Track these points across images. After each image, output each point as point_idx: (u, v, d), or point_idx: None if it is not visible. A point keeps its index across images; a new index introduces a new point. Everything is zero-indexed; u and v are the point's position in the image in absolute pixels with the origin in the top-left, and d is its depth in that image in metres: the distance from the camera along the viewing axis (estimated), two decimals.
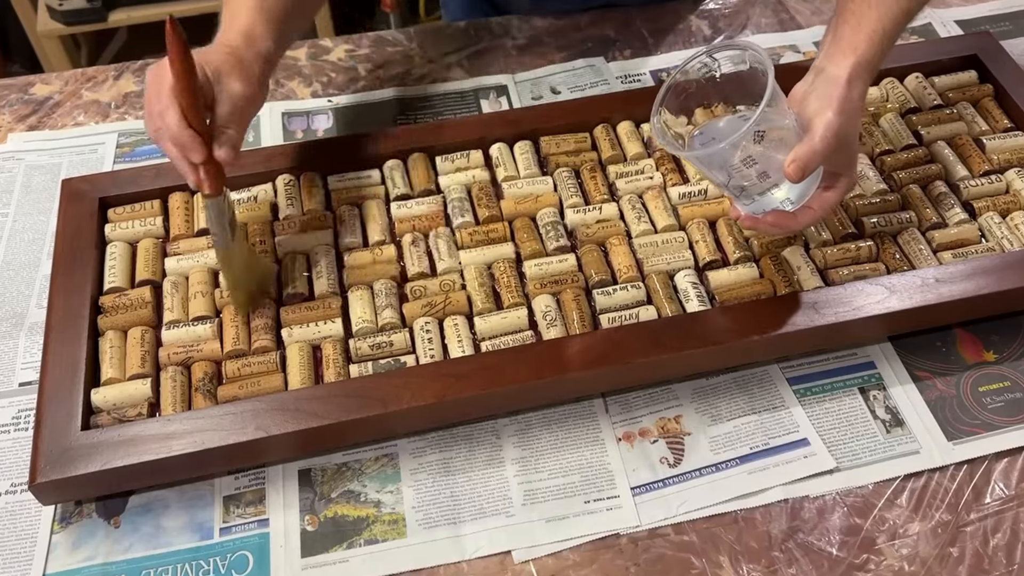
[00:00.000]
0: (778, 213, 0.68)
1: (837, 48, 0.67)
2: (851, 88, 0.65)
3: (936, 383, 0.75)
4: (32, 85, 1.01)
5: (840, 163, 0.67)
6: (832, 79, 0.65)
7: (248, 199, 0.83)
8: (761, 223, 0.69)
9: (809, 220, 0.68)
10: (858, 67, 0.66)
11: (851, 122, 0.65)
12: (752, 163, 0.64)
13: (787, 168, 0.63)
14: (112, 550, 0.67)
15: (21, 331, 0.80)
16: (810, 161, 0.63)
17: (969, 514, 0.68)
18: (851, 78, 0.65)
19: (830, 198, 0.68)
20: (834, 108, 0.64)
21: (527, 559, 0.66)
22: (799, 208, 0.68)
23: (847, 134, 0.65)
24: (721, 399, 0.74)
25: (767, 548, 0.66)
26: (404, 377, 0.69)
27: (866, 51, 0.66)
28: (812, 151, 0.63)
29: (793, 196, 0.68)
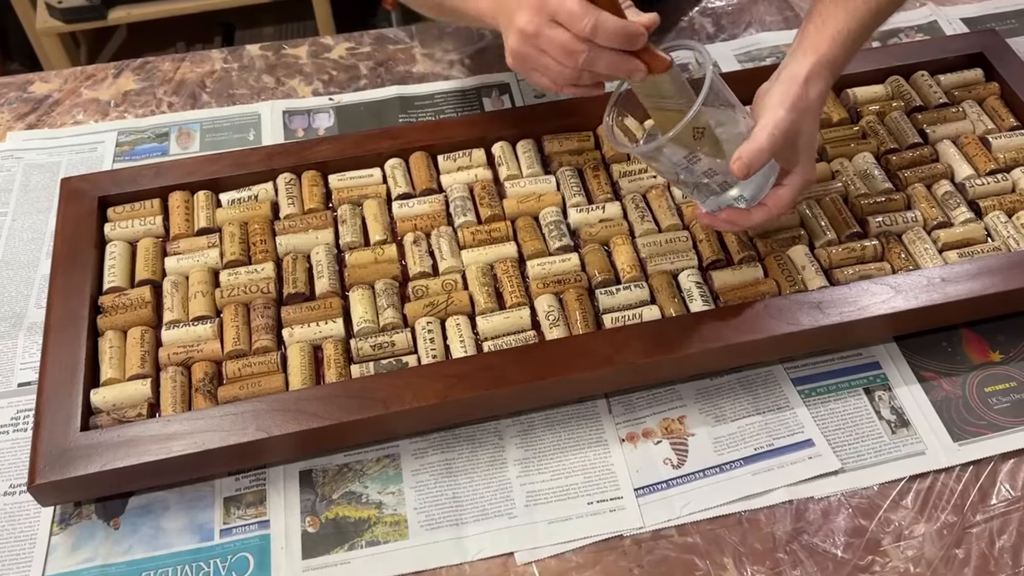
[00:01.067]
0: (733, 211, 0.68)
1: (800, 47, 0.68)
2: (808, 86, 0.66)
3: (942, 383, 0.75)
4: (31, 83, 1.01)
5: (791, 160, 0.67)
6: (790, 77, 0.66)
7: (248, 198, 0.83)
8: (716, 220, 0.69)
9: (763, 217, 0.69)
10: (817, 66, 0.66)
11: (803, 119, 0.65)
12: (696, 160, 0.65)
13: (732, 165, 0.63)
14: (112, 552, 0.67)
15: (20, 331, 0.79)
16: (755, 158, 0.63)
17: (975, 515, 0.67)
18: (809, 77, 0.66)
19: (784, 195, 0.68)
20: (786, 105, 0.64)
21: (530, 561, 0.66)
22: (754, 205, 0.68)
23: (798, 131, 0.65)
24: (725, 400, 0.74)
25: (771, 550, 0.66)
26: (406, 377, 0.69)
27: (828, 51, 0.67)
28: (757, 148, 0.63)
29: (747, 194, 0.68)
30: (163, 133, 0.95)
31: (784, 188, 0.68)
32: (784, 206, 0.69)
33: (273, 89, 1.00)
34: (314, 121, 0.96)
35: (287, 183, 0.83)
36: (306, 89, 1.00)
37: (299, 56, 1.04)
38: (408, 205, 0.82)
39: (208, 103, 0.99)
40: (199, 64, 1.03)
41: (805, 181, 0.69)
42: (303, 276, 0.77)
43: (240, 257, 0.79)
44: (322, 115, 0.97)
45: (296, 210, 0.82)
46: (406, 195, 0.83)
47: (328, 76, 1.02)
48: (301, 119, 0.96)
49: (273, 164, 0.84)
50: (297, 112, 0.97)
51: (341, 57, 1.04)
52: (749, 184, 0.67)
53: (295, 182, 0.84)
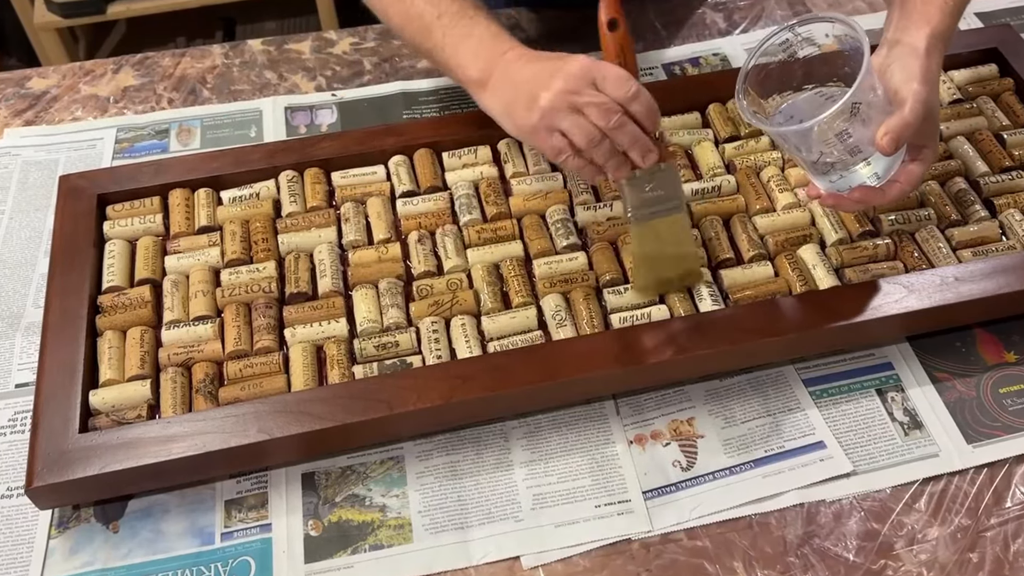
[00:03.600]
0: (865, 189, 0.68)
1: (910, 20, 0.68)
2: (930, 58, 0.66)
3: (955, 384, 0.74)
4: (29, 79, 1.01)
5: (926, 134, 0.67)
6: (911, 50, 0.66)
7: (250, 196, 0.83)
8: (845, 200, 0.69)
9: (897, 194, 0.68)
10: (933, 38, 0.67)
11: (934, 92, 0.66)
12: (847, 136, 0.64)
13: (880, 140, 0.63)
14: (111, 556, 0.66)
15: (18, 331, 0.79)
16: (903, 132, 0.63)
17: (989, 519, 0.67)
18: (929, 48, 0.66)
19: (916, 171, 0.68)
20: (919, 79, 0.64)
21: (536, 565, 0.66)
22: (886, 182, 0.68)
23: (933, 104, 0.66)
24: (735, 401, 0.73)
25: (782, 554, 0.65)
26: (410, 378, 0.68)
27: (939, 22, 0.67)
28: (904, 122, 0.63)
29: (880, 171, 0.67)
30: (163, 130, 0.95)
31: (917, 164, 0.68)
32: (917, 181, 0.69)
33: (275, 85, 1.00)
34: (317, 117, 0.96)
35: (289, 180, 0.83)
36: (309, 85, 1.00)
37: (301, 51, 1.04)
38: (412, 203, 0.82)
39: (209, 99, 0.99)
40: (200, 59, 1.03)
41: (935, 155, 0.69)
42: (305, 275, 0.77)
43: (241, 256, 0.78)
44: (325, 111, 0.96)
45: (298, 208, 0.82)
46: (410, 193, 0.83)
47: (331, 71, 1.01)
48: (303, 115, 0.96)
49: (275, 161, 0.84)
50: (299, 108, 0.97)
51: (344, 52, 1.04)
52: (885, 161, 0.67)
53: (297, 179, 0.83)
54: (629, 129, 0.68)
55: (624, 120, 0.67)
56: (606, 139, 0.68)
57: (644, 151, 0.69)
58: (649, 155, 0.69)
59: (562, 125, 0.68)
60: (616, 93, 0.67)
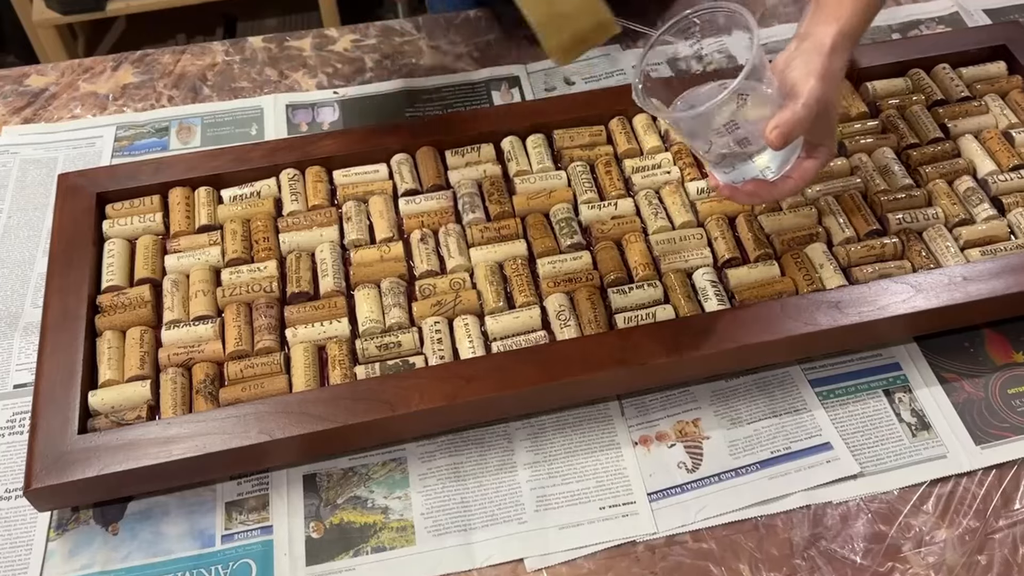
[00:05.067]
0: (758, 182, 0.67)
1: (821, 15, 0.67)
2: (833, 56, 0.65)
3: (964, 385, 0.74)
4: (27, 76, 1.01)
5: (821, 132, 0.67)
6: (816, 46, 0.65)
7: (251, 194, 0.83)
8: (739, 192, 0.68)
9: (789, 189, 0.68)
10: (841, 36, 0.66)
11: (832, 90, 0.65)
12: (734, 127, 0.64)
13: (769, 134, 0.62)
14: (110, 558, 0.66)
15: (16, 331, 0.79)
16: (793, 127, 0.62)
17: (998, 521, 0.67)
18: (834, 46, 0.65)
19: (810, 167, 0.68)
20: (817, 75, 0.64)
21: (540, 567, 0.65)
22: (779, 177, 0.68)
23: (829, 102, 0.65)
24: (741, 401, 0.73)
25: (788, 556, 0.65)
26: (413, 379, 0.68)
27: (849, 20, 0.67)
28: (795, 117, 0.62)
29: (774, 165, 0.67)
30: (163, 128, 0.95)
31: (812, 160, 0.68)
32: (810, 178, 0.68)
33: (276, 82, 1.00)
34: (318, 115, 0.96)
35: (290, 179, 0.83)
36: (310, 82, 1.00)
37: (303, 48, 1.04)
38: (415, 202, 0.82)
39: (209, 97, 0.99)
40: (200, 56, 1.03)
41: (831, 154, 0.69)
42: (307, 275, 0.77)
43: (242, 255, 0.78)
44: (326, 109, 0.96)
45: (300, 207, 0.81)
46: (413, 191, 0.83)
47: (333, 69, 1.01)
48: (305, 113, 0.96)
49: (276, 159, 0.84)
50: (301, 106, 0.97)
51: (346, 49, 1.03)
52: (778, 155, 0.66)
53: (299, 178, 0.83)
54: None
55: None
56: None
57: None
58: None
59: None
60: None
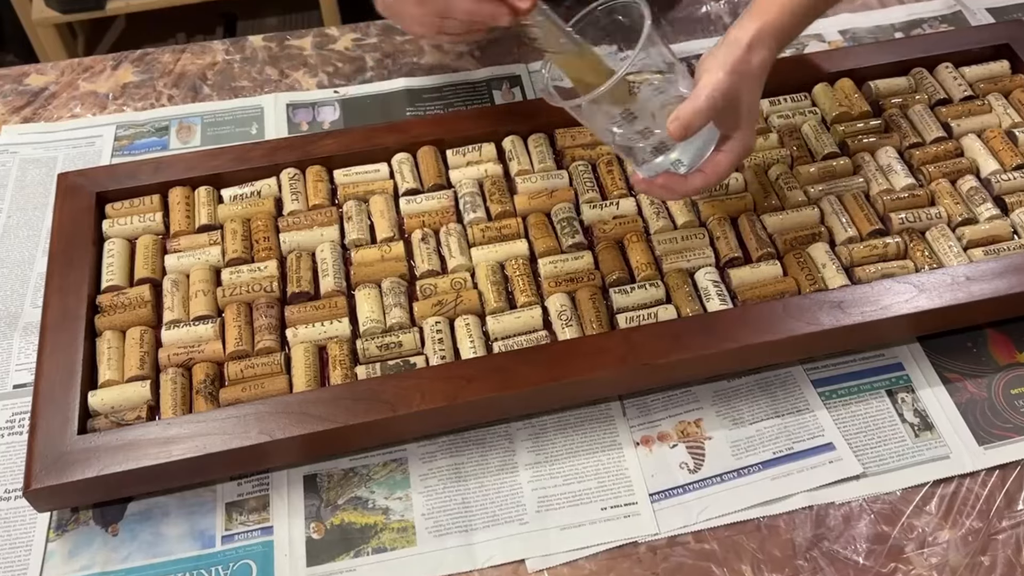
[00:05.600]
0: (669, 176, 0.67)
1: (748, 12, 0.68)
2: (751, 52, 0.65)
3: (967, 385, 0.73)
4: (27, 75, 1.01)
5: (730, 125, 0.66)
6: (733, 41, 0.65)
7: (251, 194, 0.82)
8: (653, 186, 0.68)
9: (700, 184, 0.68)
10: (762, 32, 0.66)
11: (744, 83, 0.65)
12: (632, 117, 0.63)
13: (669, 125, 0.62)
14: (110, 559, 0.66)
15: (15, 331, 0.79)
16: (692, 119, 0.62)
17: (1001, 521, 0.66)
18: (752, 42, 0.65)
19: (723, 161, 0.67)
20: (726, 68, 0.64)
21: (541, 568, 0.65)
22: (691, 172, 0.67)
23: (737, 94, 0.64)
24: (743, 402, 0.73)
25: (791, 557, 0.65)
26: (413, 379, 0.68)
27: (776, 18, 0.67)
28: (694, 108, 0.62)
29: (685, 159, 0.67)
30: (163, 127, 0.94)
31: (723, 154, 0.67)
32: (723, 173, 0.68)
33: (276, 81, 0.99)
34: (319, 114, 0.95)
35: (291, 178, 0.83)
36: (310, 81, 0.99)
37: (303, 47, 1.03)
38: (416, 201, 0.81)
39: (209, 96, 0.98)
40: (200, 56, 1.03)
41: (745, 148, 0.68)
42: (307, 274, 0.77)
43: (242, 255, 0.78)
44: (327, 108, 0.96)
45: (300, 206, 0.81)
46: (414, 191, 0.82)
47: (333, 68, 1.01)
48: (305, 112, 0.96)
49: (276, 159, 0.83)
50: (301, 105, 0.96)
51: (347, 48, 1.03)
52: (688, 148, 0.66)
53: (299, 177, 0.83)
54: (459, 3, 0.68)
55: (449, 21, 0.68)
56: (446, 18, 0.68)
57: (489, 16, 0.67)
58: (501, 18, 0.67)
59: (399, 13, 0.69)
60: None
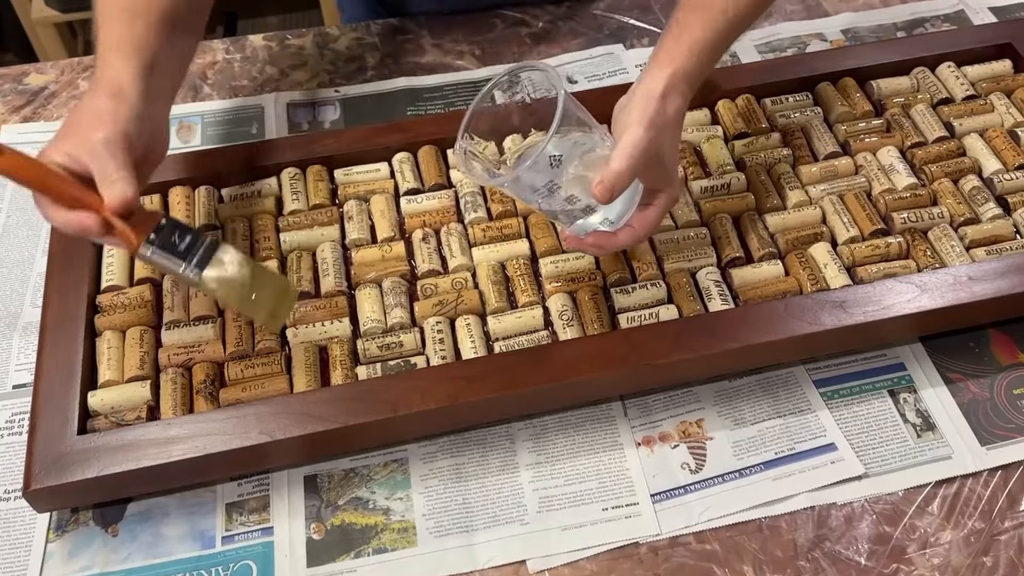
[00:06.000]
0: (598, 234, 0.67)
1: (656, 60, 0.66)
2: (665, 102, 0.64)
3: (969, 385, 0.73)
4: (26, 75, 1.00)
5: (655, 179, 0.66)
6: (646, 93, 0.64)
7: (251, 193, 0.82)
8: (583, 244, 0.68)
9: (629, 239, 0.67)
10: (674, 79, 0.65)
11: (662, 136, 0.64)
12: (556, 187, 0.63)
13: (594, 189, 0.61)
14: (109, 559, 0.66)
15: (15, 331, 0.78)
16: (616, 181, 0.61)
17: (1003, 522, 0.66)
18: (666, 92, 0.64)
19: (650, 215, 0.67)
20: (644, 124, 0.62)
21: (543, 569, 0.65)
22: (620, 227, 0.67)
23: (658, 149, 0.63)
24: (745, 402, 0.72)
25: (792, 557, 0.65)
26: (414, 379, 0.68)
27: (685, 63, 0.66)
28: (617, 171, 0.61)
29: (612, 216, 0.67)
30: None
31: (651, 208, 0.67)
32: (651, 226, 0.67)
33: (277, 81, 0.99)
34: (319, 114, 0.95)
35: (291, 178, 0.82)
36: (311, 81, 0.99)
37: (304, 46, 1.03)
38: (417, 201, 0.81)
39: (209, 95, 0.98)
40: (200, 55, 1.02)
41: (671, 200, 0.67)
42: (308, 274, 0.76)
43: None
44: (327, 108, 0.96)
45: (301, 206, 0.81)
46: (414, 191, 0.82)
47: (334, 67, 1.01)
48: (306, 112, 0.96)
49: (277, 158, 0.83)
50: (302, 105, 0.96)
51: (347, 48, 1.03)
52: (613, 207, 0.66)
53: (300, 177, 0.83)
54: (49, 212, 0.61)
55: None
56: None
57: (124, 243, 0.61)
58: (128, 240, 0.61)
59: None
60: None
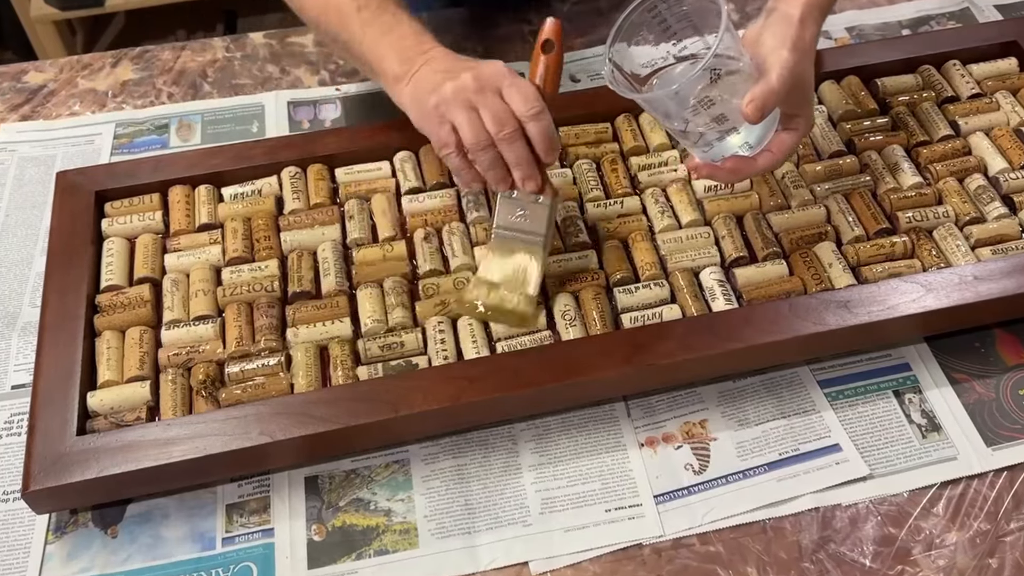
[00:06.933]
0: (737, 158, 0.67)
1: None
2: (804, 27, 0.65)
3: (974, 386, 0.73)
4: (25, 73, 1.00)
5: (796, 103, 0.67)
6: (785, 18, 0.65)
7: (252, 192, 0.82)
8: (719, 171, 0.68)
9: (768, 163, 0.68)
10: (809, 6, 0.66)
11: (805, 60, 0.65)
12: (709, 104, 0.63)
13: (745, 108, 0.62)
14: (109, 561, 0.66)
15: (14, 331, 0.78)
16: (768, 100, 0.62)
17: (1009, 523, 0.66)
18: (803, 17, 0.65)
19: (788, 140, 0.67)
20: (788, 46, 0.64)
21: (545, 571, 0.65)
22: (758, 152, 0.67)
23: (802, 72, 0.65)
24: (749, 402, 0.72)
25: (797, 559, 0.64)
26: (416, 379, 0.68)
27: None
28: (769, 90, 0.62)
29: (752, 140, 0.67)
30: (163, 125, 0.94)
31: (788, 133, 0.68)
32: (788, 152, 0.68)
33: (277, 79, 0.99)
34: (320, 112, 0.95)
35: (292, 177, 0.82)
36: (312, 79, 0.99)
37: (304, 44, 1.03)
38: (418, 200, 0.81)
39: (210, 93, 0.98)
40: (200, 53, 1.02)
41: (809, 125, 0.68)
42: (309, 274, 0.76)
43: (243, 254, 0.78)
44: (328, 106, 0.96)
45: (301, 205, 0.81)
46: (416, 189, 0.82)
47: (335, 65, 1.00)
48: (307, 110, 0.95)
49: (277, 157, 0.83)
50: (302, 103, 0.96)
51: None
52: (754, 131, 0.66)
53: (300, 176, 0.83)
54: (518, 146, 0.68)
55: (516, 135, 0.67)
56: (493, 147, 0.68)
57: (526, 175, 0.69)
58: (529, 181, 0.69)
59: (455, 118, 0.68)
60: (518, 107, 0.67)
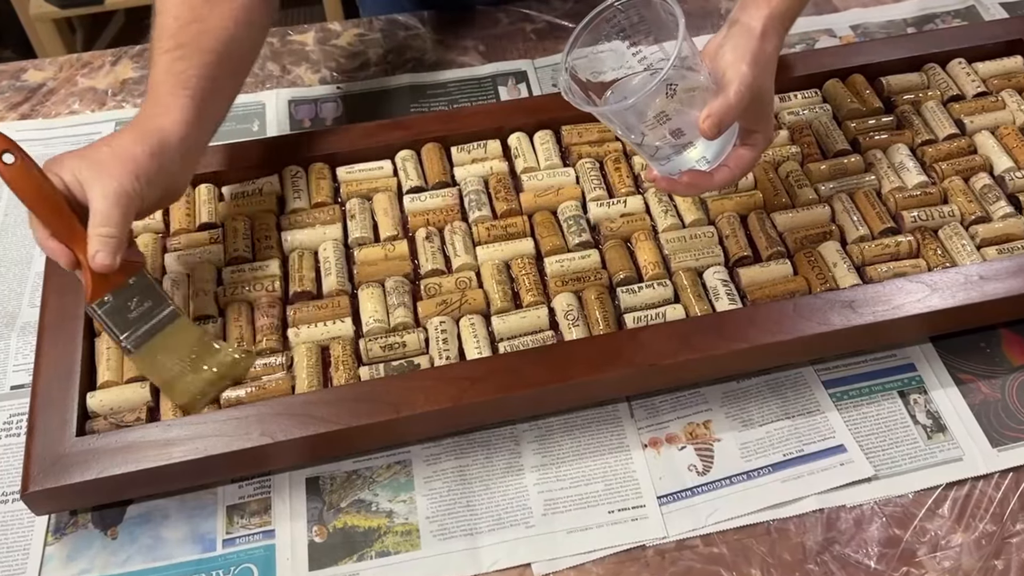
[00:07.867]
0: (694, 173, 0.67)
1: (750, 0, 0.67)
2: (765, 40, 0.65)
3: (980, 386, 0.73)
4: (24, 71, 1.00)
5: (755, 119, 0.66)
6: (746, 31, 0.65)
7: (252, 191, 0.82)
8: (677, 184, 0.68)
9: (726, 179, 0.67)
10: (771, 19, 0.65)
11: (764, 75, 0.65)
12: (665, 119, 0.63)
13: (702, 124, 0.62)
14: (109, 562, 0.65)
15: (13, 331, 0.78)
16: (725, 116, 0.62)
17: (1015, 524, 0.66)
18: (765, 30, 0.65)
19: (746, 155, 0.67)
20: (747, 61, 0.63)
21: (548, 572, 0.64)
22: (715, 167, 0.67)
23: (761, 87, 0.64)
24: (753, 403, 0.72)
25: (801, 561, 0.64)
26: (418, 380, 0.67)
27: (779, 3, 0.66)
28: (727, 106, 0.62)
29: (709, 155, 0.66)
30: None
31: (746, 149, 0.67)
32: (746, 167, 0.68)
33: (278, 77, 0.99)
34: (321, 111, 0.95)
35: (293, 176, 0.82)
36: (313, 77, 0.99)
37: (305, 42, 1.03)
38: (420, 199, 0.81)
39: None
40: None
41: (767, 141, 0.68)
42: (310, 273, 0.76)
43: (244, 253, 0.77)
44: (329, 104, 0.96)
45: (303, 204, 0.81)
46: (418, 188, 0.82)
47: (336, 63, 1.00)
48: (307, 109, 0.95)
49: (278, 156, 0.83)
50: (303, 101, 0.96)
51: (350, 43, 1.03)
52: (713, 145, 0.66)
53: (301, 175, 0.82)
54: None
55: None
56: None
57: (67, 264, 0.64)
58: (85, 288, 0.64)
59: None
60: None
